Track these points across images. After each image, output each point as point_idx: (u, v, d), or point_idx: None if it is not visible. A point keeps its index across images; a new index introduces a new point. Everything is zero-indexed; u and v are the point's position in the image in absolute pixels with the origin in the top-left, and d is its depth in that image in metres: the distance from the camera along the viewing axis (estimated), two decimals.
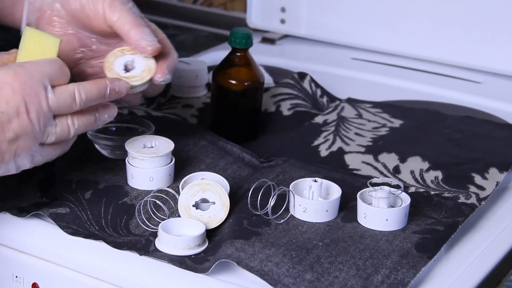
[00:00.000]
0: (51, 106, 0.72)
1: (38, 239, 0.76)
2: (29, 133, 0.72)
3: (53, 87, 0.73)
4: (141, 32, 0.80)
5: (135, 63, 0.80)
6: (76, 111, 0.74)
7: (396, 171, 0.88)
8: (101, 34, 0.83)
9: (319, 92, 1.06)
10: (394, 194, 0.78)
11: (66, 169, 0.83)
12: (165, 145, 0.83)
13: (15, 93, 0.71)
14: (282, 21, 1.28)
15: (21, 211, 0.78)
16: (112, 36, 0.83)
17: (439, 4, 1.17)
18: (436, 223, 0.78)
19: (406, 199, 0.78)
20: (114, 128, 0.89)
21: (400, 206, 0.77)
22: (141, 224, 0.77)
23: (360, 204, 0.78)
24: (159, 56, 0.81)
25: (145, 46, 0.79)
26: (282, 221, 0.78)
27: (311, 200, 0.78)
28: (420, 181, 0.86)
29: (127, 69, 0.81)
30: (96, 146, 0.87)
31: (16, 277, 0.77)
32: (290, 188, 0.79)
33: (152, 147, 0.82)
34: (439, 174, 0.87)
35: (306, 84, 1.06)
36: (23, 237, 0.77)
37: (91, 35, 0.84)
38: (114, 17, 0.80)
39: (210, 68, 1.06)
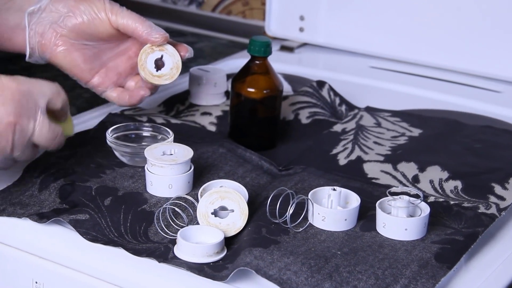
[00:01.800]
0: (35, 133, 0.77)
1: (57, 245, 0.77)
2: (5, 141, 0.75)
3: (48, 109, 0.78)
4: (148, 25, 0.88)
5: (164, 58, 0.89)
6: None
7: (415, 180, 0.88)
8: (106, 40, 0.90)
9: (337, 101, 1.06)
10: (413, 204, 0.78)
11: (86, 176, 0.83)
12: (184, 152, 0.83)
13: (12, 100, 0.75)
14: (301, 30, 1.28)
15: (41, 217, 0.78)
16: (116, 39, 0.91)
17: (459, 14, 1.17)
18: (456, 233, 0.77)
19: (425, 209, 0.78)
20: (133, 135, 0.90)
21: (420, 215, 0.77)
22: (160, 231, 0.77)
23: (379, 213, 0.77)
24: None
25: (156, 36, 0.88)
26: (301, 229, 0.77)
27: (330, 208, 0.78)
28: (440, 191, 0.86)
29: (157, 66, 0.89)
30: (116, 153, 0.87)
31: (36, 282, 0.77)
32: (309, 196, 0.79)
33: (171, 154, 0.83)
34: (458, 183, 0.87)
35: (324, 92, 1.06)
36: (43, 243, 0.77)
37: (95, 44, 0.90)
38: (119, 19, 0.88)
39: (229, 76, 1.06)
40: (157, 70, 0.90)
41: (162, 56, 0.89)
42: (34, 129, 0.77)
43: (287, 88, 1.10)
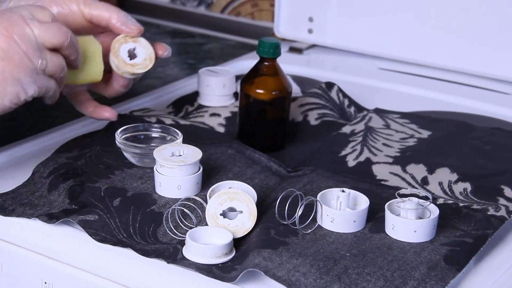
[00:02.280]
0: (37, 36, 0.75)
1: (67, 245, 0.77)
2: (15, 54, 0.74)
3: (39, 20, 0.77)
4: (124, 15, 0.85)
5: (137, 50, 0.87)
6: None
7: (424, 182, 0.88)
8: (79, 33, 0.86)
9: (346, 102, 1.06)
10: (422, 206, 0.77)
11: (95, 177, 0.83)
12: (193, 153, 0.83)
13: None
14: (310, 31, 1.28)
15: (51, 218, 0.78)
16: (89, 32, 0.87)
17: (468, 15, 1.17)
18: (465, 235, 0.77)
19: (434, 211, 0.77)
20: (142, 136, 0.90)
21: (429, 217, 0.77)
22: (169, 232, 0.77)
23: (388, 215, 0.77)
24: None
25: (132, 27, 0.85)
26: (310, 231, 0.77)
27: (339, 210, 0.78)
28: (449, 193, 0.86)
29: (130, 56, 0.87)
30: (125, 154, 0.88)
31: (45, 283, 0.77)
32: (318, 198, 0.79)
33: (180, 155, 0.83)
34: (468, 185, 0.86)
35: (333, 94, 1.06)
36: (52, 243, 0.77)
37: None
38: (91, 10, 0.85)
39: (237, 77, 1.06)
40: (130, 60, 0.87)
41: (135, 48, 0.87)
42: (33, 32, 0.76)
43: (296, 90, 1.10)
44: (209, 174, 0.85)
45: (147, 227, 0.78)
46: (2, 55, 0.74)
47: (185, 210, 0.78)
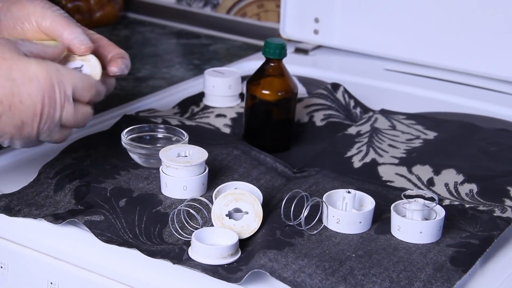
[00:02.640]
0: (62, 120, 0.76)
1: (72, 246, 0.77)
2: (30, 128, 0.75)
3: (75, 100, 0.76)
4: (74, 32, 0.82)
5: (83, 68, 0.82)
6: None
7: (430, 183, 0.88)
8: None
9: (352, 103, 1.06)
10: (428, 207, 0.77)
11: (101, 177, 0.84)
12: (199, 154, 0.83)
13: (40, 90, 0.74)
14: (316, 32, 1.28)
15: (57, 218, 0.78)
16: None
17: (474, 16, 1.16)
18: (471, 237, 0.77)
19: (440, 212, 0.77)
20: (148, 137, 0.90)
21: (435, 218, 0.77)
22: (174, 232, 0.77)
23: (394, 216, 0.77)
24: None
25: (79, 45, 0.81)
26: (315, 232, 0.77)
27: (345, 211, 0.78)
28: (455, 194, 0.85)
29: None
30: (131, 154, 0.88)
31: (51, 283, 0.78)
32: (323, 199, 0.79)
33: (186, 156, 0.83)
34: (474, 187, 0.86)
35: (339, 94, 1.06)
36: (58, 244, 0.77)
37: None
38: (47, 23, 0.82)
39: (243, 78, 1.06)
40: None
41: (82, 66, 0.82)
42: (60, 116, 0.76)
43: (301, 90, 1.10)
44: (215, 175, 0.85)
45: (152, 228, 0.78)
46: (20, 124, 0.75)
47: (191, 210, 0.78)
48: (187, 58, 1.34)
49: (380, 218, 0.79)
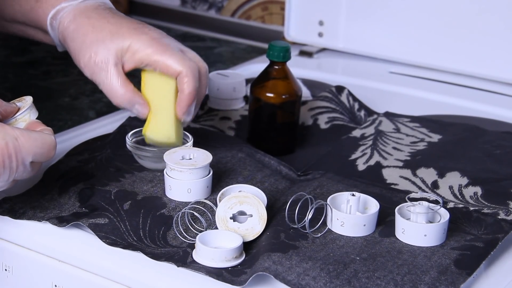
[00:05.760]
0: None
1: (77, 248, 0.77)
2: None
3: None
4: None
5: (31, 116, 0.80)
6: None
7: (434, 186, 0.87)
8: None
9: (356, 106, 1.06)
10: (432, 210, 0.77)
11: (105, 180, 0.84)
12: (203, 157, 0.83)
13: None
14: (320, 35, 1.28)
15: (61, 221, 0.78)
16: None
17: (479, 19, 1.16)
18: (476, 240, 0.77)
19: (445, 215, 0.77)
20: None
21: (439, 221, 0.77)
22: (179, 235, 0.77)
23: (398, 219, 0.77)
24: None
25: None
26: (320, 234, 0.77)
27: (349, 214, 0.78)
28: (459, 197, 0.85)
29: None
30: (135, 157, 0.88)
31: (56, 286, 0.78)
32: (328, 201, 0.79)
33: (191, 159, 0.83)
34: (478, 190, 0.86)
35: (343, 97, 1.06)
36: (63, 246, 0.78)
37: None
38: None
39: (248, 81, 1.06)
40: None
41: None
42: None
43: (306, 93, 1.10)
44: (219, 178, 0.85)
45: (157, 231, 0.78)
46: None
47: (195, 213, 0.78)
48: None
49: (385, 221, 0.79)
